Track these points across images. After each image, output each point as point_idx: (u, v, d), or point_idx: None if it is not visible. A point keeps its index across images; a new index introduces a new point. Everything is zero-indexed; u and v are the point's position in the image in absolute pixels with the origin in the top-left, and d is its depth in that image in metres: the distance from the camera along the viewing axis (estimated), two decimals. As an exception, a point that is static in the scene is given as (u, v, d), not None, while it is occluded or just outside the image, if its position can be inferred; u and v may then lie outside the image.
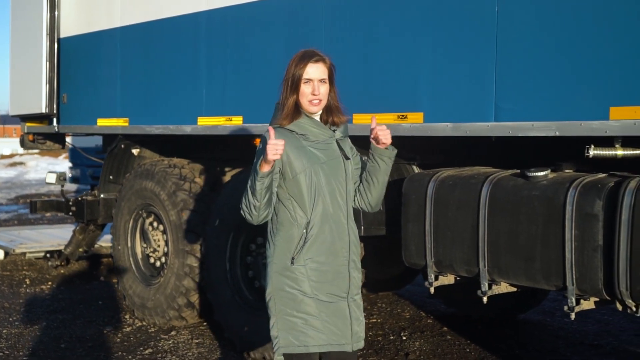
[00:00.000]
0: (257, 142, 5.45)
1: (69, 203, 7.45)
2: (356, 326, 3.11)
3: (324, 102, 3.07)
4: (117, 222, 6.49)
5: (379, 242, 4.76)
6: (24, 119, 7.50)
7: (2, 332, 5.83)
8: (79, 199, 7.36)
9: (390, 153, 3.11)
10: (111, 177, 7.02)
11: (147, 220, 6.29)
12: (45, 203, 8.13)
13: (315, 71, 3.03)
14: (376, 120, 3.12)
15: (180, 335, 5.73)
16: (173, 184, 5.86)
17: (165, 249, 6.07)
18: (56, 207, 7.88)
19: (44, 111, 6.92)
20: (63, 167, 18.57)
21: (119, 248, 6.46)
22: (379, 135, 3.04)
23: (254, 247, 5.34)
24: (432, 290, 4.17)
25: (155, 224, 6.22)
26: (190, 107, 5.55)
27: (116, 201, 6.60)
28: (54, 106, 6.94)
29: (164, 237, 6.10)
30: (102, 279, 7.84)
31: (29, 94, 7.10)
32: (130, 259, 6.38)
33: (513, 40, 3.66)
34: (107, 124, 6.41)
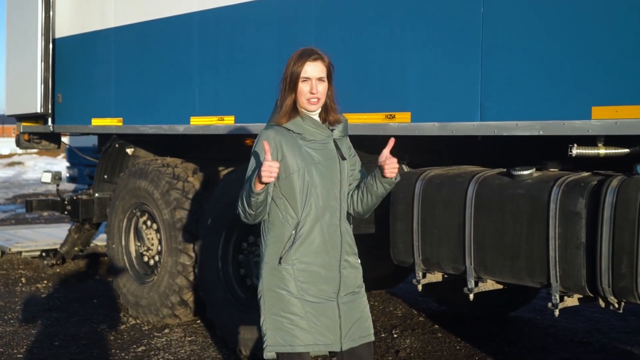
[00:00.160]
0: (248, 142, 5.51)
1: (65, 202, 7.49)
2: (347, 326, 3.08)
3: (323, 101, 3.06)
4: (112, 221, 6.54)
5: (371, 240, 4.80)
6: (19, 118, 7.56)
7: (-3, 330, 5.89)
8: (74, 198, 7.41)
9: (394, 182, 3.09)
10: (106, 177, 7.07)
11: (141, 219, 6.33)
12: (40, 202, 8.16)
13: (314, 70, 3.02)
14: (394, 142, 3.02)
15: (174, 333, 5.78)
16: (166, 183, 5.90)
17: (159, 247, 6.11)
18: (52, 206, 7.92)
19: (39, 111, 6.96)
20: (61, 166, 18.59)
21: (113, 247, 6.50)
22: (385, 168, 3.00)
23: (245, 245, 5.39)
24: (419, 287, 4.22)
25: (149, 222, 6.26)
26: (183, 106, 5.59)
27: (110, 200, 6.65)
28: (49, 106, 6.98)
29: (158, 235, 6.14)
30: (98, 277, 7.88)
31: (24, 94, 7.14)
32: (125, 257, 6.42)
33: (498, 41, 3.71)
34: (102, 123, 6.46)
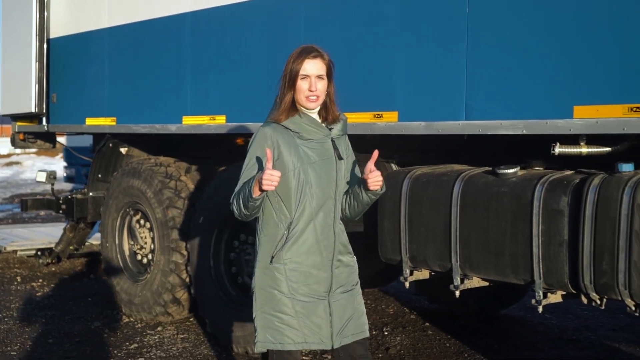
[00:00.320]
0: (240, 141, 5.55)
1: (59, 201, 7.53)
2: (340, 324, 3.10)
3: (322, 99, 3.05)
4: (105, 220, 6.58)
5: (361, 238, 4.84)
6: (14, 118, 7.60)
7: (-9, 327, 5.94)
8: (69, 197, 7.45)
9: (379, 193, 3.09)
10: (100, 176, 7.11)
11: (134, 217, 6.38)
12: (36, 201, 8.20)
13: (313, 67, 3.02)
14: (377, 154, 3.04)
15: (166, 330, 5.83)
16: (159, 182, 5.95)
17: (152, 246, 6.16)
18: (47, 205, 7.96)
19: (33, 110, 7.01)
20: (59, 166, 18.62)
21: (107, 245, 6.55)
22: (369, 182, 2.98)
23: (237, 243, 5.44)
24: (407, 284, 4.27)
25: (142, 221, 6.31)
26: (176, 106, 5.64)
27: (104, 199, 6.70)
28: (44, 105, 7.03)
29: (151, 234, 6.19)
30: (92, 276, 7.93)
31: (19, 93, 7.19)
32: (118, 255, 6.47)
33: (482, 41, 3.76)
34: (96, 123, 6.50)
